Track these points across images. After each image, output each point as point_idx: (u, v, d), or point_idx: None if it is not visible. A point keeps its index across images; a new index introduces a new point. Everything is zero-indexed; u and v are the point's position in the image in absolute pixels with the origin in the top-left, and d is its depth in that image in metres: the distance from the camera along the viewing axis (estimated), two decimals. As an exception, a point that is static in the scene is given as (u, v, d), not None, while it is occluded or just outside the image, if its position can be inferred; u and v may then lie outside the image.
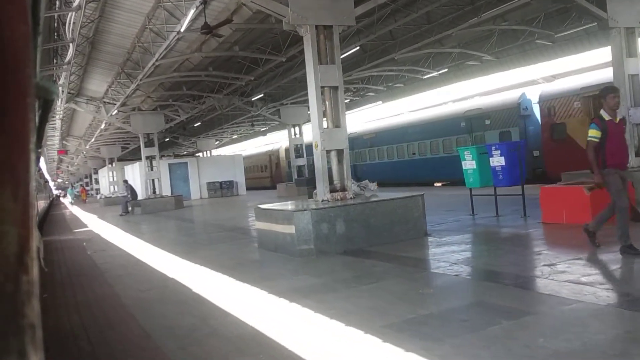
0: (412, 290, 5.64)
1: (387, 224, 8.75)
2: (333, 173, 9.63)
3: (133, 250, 11.46)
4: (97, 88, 22.95)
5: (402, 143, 28.12)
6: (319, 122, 9.33)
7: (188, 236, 13.38)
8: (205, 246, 11.04)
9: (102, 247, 12.79)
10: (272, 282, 6.68)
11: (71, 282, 8.35)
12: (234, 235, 12.49)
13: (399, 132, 28.44)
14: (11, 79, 0.52)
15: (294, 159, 28.33)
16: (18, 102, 0.53)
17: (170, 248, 11.01)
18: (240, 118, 31.55)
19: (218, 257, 9.33)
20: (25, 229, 0.51)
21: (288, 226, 8.48)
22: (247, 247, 10.29)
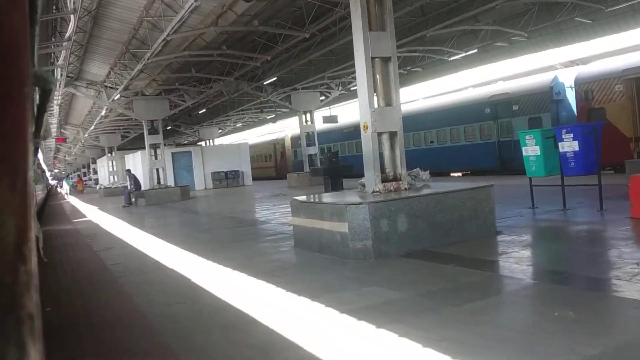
0: (547, 312, 4.23)
1: (455, 220, 7.35)
2: (385, 160, 8.22)
3: (146, 248, 10.05)
4: (98, 71, 21.43)
5: (419, 131, 26.70)
6: (369, 99, 7.91)
7: (205, 232, 11.96)
8: (229, 244, 9.63)
9: (109, 243, 11.38)
10: (335, 295, 5.29)
11: (80, 290, 6.94)
12: (258, 230, 11.08)
13: (415, 120, 26.97)
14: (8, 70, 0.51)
15: (305, 148, 26.88)
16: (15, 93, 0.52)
17: (190, 246, 9.60)
18: (248, 104, 30.06)
19: (250, 258, 7.92)
20: (23, 219, 0.50)
21: (338, 223, 7.08)
22: (280, 246, 8.89)
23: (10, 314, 0.48)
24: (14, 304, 0.49)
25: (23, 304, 0.50)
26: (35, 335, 0.51)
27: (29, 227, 0.53)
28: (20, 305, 0.50)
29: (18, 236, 0.51)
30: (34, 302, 0.52)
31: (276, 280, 6.19)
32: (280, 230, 10.64)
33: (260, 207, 16.52)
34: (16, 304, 0.49)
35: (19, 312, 0.49)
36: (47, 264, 8.91)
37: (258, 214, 14.21)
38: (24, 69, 0.55)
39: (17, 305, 0.49)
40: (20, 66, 0.54)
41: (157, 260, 8.60)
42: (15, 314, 0.49)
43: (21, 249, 0.51)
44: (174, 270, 7.51)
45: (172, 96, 23.93)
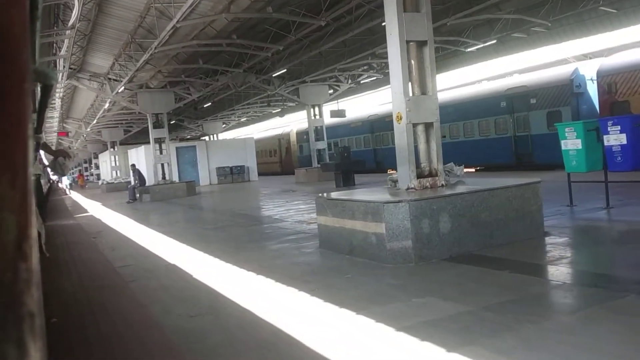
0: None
1: (500, 219, 6.66)
2: (419, 153, 7.52)
3: (155, 247, 9.38)
4: (102, 62, 20.72)
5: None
6: (403, 87, 7.20)
7: (218, 230, 11.27)
8: (246, 244, 8.94)
9: (116, 242, 10.71)
10: (383, 308, 4.61)
11: (87, 297, 6.26)
12: (275, 229, 10.39)
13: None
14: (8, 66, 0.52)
15: (314, 142, 26.16)
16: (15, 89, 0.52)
17: (203, 246, 8.92)
18: (254, 98, 29.33)
19: (273, 261, 7.24)
20: (23, 216, 0.51)
21: (374, 223, 6.39)
22: (303, 246, 8.21)
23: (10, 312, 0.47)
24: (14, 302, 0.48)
25: (23, 301, 0.49)
26: (36, 334, 0.50)
27: (30, 224, 0.52)
28: (20, 302, 0.49)
29: (18, 233, 0.50)
30: (34, 300, 0.50)
31: (308, 287, 5.51)
32: (299, 229, 9.95)
33: (271, 203, 15.84)
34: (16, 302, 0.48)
35: (19, 309, 0.48)
36: (50, 266, 8.25)
37: (271, 211, 13.52)
38: (24, 65, 0.54)
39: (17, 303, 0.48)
40: (20, 62, 0.54)
41: (170, 261, 7.92)
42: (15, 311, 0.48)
43: (22, 246, 0.50)
44: (190, 275, 6.83)
45: (178, 89, 23.21)
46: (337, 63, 21.06)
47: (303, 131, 39.52)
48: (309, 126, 26.41)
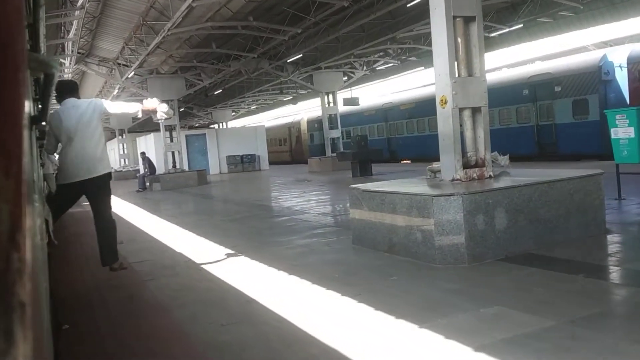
0: None
1: (561, 215, 5.98)
2: (465, 141, 6.83)
3: (171, 240, 8.77)
4: (111, 47, 20.05)
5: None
6: (449, 68, 6.50)
7: (236, 222, 10.63)
8: (270, 238, 8.30)
9: (128, 234, 10.09)
10: (448, 320, 3.96)
11: (101, 299, 5.64)
12: (297, 222, 9.74)
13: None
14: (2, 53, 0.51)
15: (328, 131, 25.45)
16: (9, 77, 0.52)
17: (223, 239, 8.30)
18: (266, 85, 28.60)
19: (304, 258, 6.60)
20: (17, 206, 0.51)
21: (420, 218, 5.73)
22: (333, 242, 7.56)
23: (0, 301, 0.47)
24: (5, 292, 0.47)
25: (14, 291, 0.48)
26: (26, 325, 0.49)
27: (24, 214, 0.52)
28: (11, 292, 0.48)
29: (11, 223, 0.49)
30: (27, 291, 0.50)
31: (351, 292, 4.86)
32: (324, 222, 9.31)
33: (288, 193, 15.19)
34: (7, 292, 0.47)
35: (9, 299, 0.48)
36: (61, 263, 7.65)
37: (289, 202, 12.87)
38: (19, 53, 0.54)
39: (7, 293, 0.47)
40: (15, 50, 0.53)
41: (189, 257, 7.30)
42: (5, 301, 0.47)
43: (14, 236, 0.50)
44: (214, 273, 6.20)
45: (189, 75, 22.54)
46: (354, 48, 20.29)
47: (314, 119, 38.80)
48: (323, 114, 25.70)
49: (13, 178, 0.51)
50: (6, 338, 0.46)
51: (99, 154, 5.46)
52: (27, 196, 0.54)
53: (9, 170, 0.50)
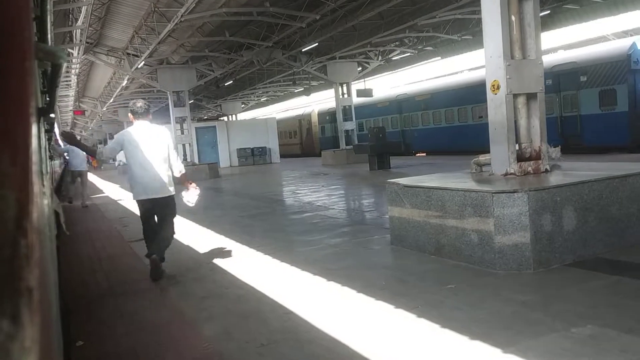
0: None
1: (633, 214, 5.32)
2: (519, 131, 6.16)
3: (190, 239, 8.16)
4: (121, 36, 19.42)
5: (466, 105, 24.48)
6: (503, 49, 5.82)
7: (258, 219, 9.99)
8: (298, 237, 7.66)
9: (140, 227, 9.51)
10: (535, 342, 3.32)
11: (118, 306, 5.03)
12: (323, 219, 9.12)
13: (461, 93, 24.75)
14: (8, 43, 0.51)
15: (342, 123, 24.77)
16: (16, 66, 0.52)
17: (247, 239, 7.68)
18: (278, 75, 27.91)
19: (341, 261, 5.96)
20: (24, 193, 0.51)
21: (476, 218, 5.08)
22: (368, 241, 6.92)
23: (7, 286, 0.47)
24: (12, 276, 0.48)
25: (22, 276, 0.49)
26: (34, 310, 0.49)
27: (31, 201, 0.52)
28: (19, 277, 0.48)
29: (19, 210, 0.50)
30: (34, 276, 0.50)
31: (406, 304, 4.22)
32: (352, 219, 8.67)
33: (306, 188, 14.55)
34: (14, 276, 0.48)
35: (17, 284, 0.48)
36: (72, 263, 7.06)
37: (309, 197, 12.24)
38: (26, 43, 0.54)
39: (15, 278, 0.48)
40: (21, 40, 0.53)
41: (211, 259, 6.68)
42: (12, 286, 0.48)
43: (21, 223, 0.50)
44: (242, 279, 5.58)
45: (200, 65, 21.89)
46: (371, 37, 19.55)
47: (325, 112, 38.09)
48: (337, 106, 25.01)
49: (20, 166, 0.51)
50: (14, 322, 0.46)
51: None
52: (34, 184, 0.54)
53: (16, 158, 0.51)
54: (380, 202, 10.22)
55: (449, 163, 18.53)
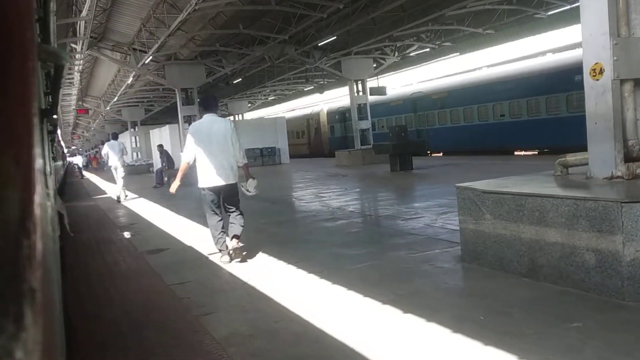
0: None
1: None
2: (626, 125, 5.07)
3: (213, 250, 7.10)
4: (127, 29, 18.39)
5: (486, 103, 23.41)
6: (609, 24, 4.74)
7: (283, 225, 8.92)
8: (342, 250, 6.57)
9: (158, 241, 8.46)
10: None
11: (139, 337, 3.96)
12: (363, 227, 8.04)
13: (481, 90, 23.68)
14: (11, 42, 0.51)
15: (357, 121, 23.71)
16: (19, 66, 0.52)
17: (279, 252, 6.62)
18: (289, 73, 26.85)
19: (406, 283, 4.89)
20: (27, 194, 0.51)
21: (594, 233, 4.01)
22: (431, 258, 5.84)
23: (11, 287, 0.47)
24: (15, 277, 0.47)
25: (25, 277, 0.48)
26: (37, 311, 0.49)
27: (34, 201, 0.52)
28: (22, 278, 0.48)
29: (22, 210, 0.50)
30: (37, 277, 0.50)
31: (527, 351, 3.16)
32: (402, 229, 7.58)
33: (329, 191, 13.48)
34: (18, 277, 0.47)
35: (20, 284, 0.48)
36: (79, 280, 5.99)
37: (337, 201, 11.15)
38: (29, 42, 0.54)
39: (18, 278, 0.47)
40: (24, 39, 0.53)
41: (244, 278, 5.61)
42: (15, 286, 0.47)
43: (25, 223, 0.50)
44: (291, 309, 4.49)
45: (210, 61, 20.84)
46: (392, 30, 18.46)
47: (335, 111, 37.03)
48: (351, 104, 23.95)
49: (23, 166, 0.51)
50: (17, 322, 0.46)
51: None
52: (37, 185, 0.54)
53: (20, 158, 0.51)
54: (420, 207, 9.15)
55: (476, 163, 17.47)
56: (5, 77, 0.50)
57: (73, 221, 11.34)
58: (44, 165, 1.41)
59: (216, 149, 6.19)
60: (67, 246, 7.61)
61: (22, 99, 0.52)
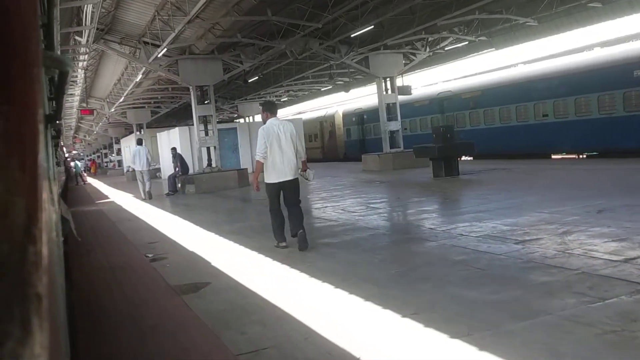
0: None
1: None
2: None
3: (254, 279, 5.16)
4: (137, 19, 16.49)
5: (526, 102, 21.48)
6: None
7: (354, 249, 6.92)
8: (464, 291, 4.59)
9: (192, 271, 6.51)
10: None
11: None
12: (471, 253, 6.08)
13: (521, 88, 21.73)
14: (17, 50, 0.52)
15: (386, 122, 21.75)
16: (24, 73, 0.53)
17: (369, 291, 4.69)
18: (309, 71, 24.93)
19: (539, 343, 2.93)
20: (33, 199, 0.52)
21: None
22: (625, 308, 3.88)
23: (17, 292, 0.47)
24: (21, 283, 0.48)
25: (31, 282, 0.49)
26: (43, 317, 0.49)
27: (39, 207, 0.52)
28: (27, 284, 0.48)
29: (28, 217, 0.50)
30: (43, 283, 0.50)
31: None
32: (528, 257, 5.61)
33: (378, 201, 11.52)
34: (24, 283, 0.48)
35: (26, 290, 0.48)
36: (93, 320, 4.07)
37: (401, 215, 9.19)
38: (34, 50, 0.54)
39: (24, 284, 0.48)
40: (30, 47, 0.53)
41: (352, 351, 3.65)
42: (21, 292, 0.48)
43: (30, 230, 0.50)
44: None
45: (227, 56, 18.93)
46: (437, 18, 16.51)
47: (352, 112, 35.10)
48: (379, 103, 22.00)
49: (29, 172, 0.51)
50: (23, 328, 0.46)
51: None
52: (42, 191, 0.54)
53: (25, 164, 0.51)
54: (521, 224, 7.21)
55: (526, 168, 15.54)
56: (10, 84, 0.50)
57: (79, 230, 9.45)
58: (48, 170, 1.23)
59: (286, 148, 6.98)
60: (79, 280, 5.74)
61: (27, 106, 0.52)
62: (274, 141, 6.91)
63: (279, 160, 6.91)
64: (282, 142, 6.93)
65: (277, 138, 6.93)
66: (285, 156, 6.92)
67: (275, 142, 6.91)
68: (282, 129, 7.02)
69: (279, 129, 7.00)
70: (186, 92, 27.74)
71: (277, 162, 6.91)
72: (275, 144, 6.92)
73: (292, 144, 7.01)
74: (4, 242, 0.47)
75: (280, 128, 7.02)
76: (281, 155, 6.90)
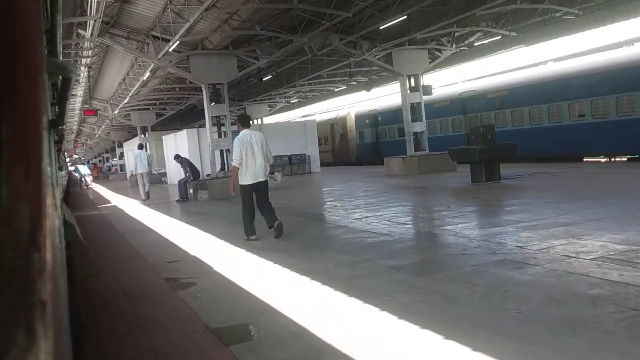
0: None
1: None
2: None
3: (324, 321, 3.73)
4: (146, 10, 15.12)
5: (560, 102, 20.08)
6: None
7: (435, 278, 5.50)
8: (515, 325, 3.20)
9: (232, 307, 5.09)
10: None
11: None
12: (599, 290, 4.66)
13: (554, 87, 20.34)
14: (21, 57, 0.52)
15: (410, 123, 20.35)
16: (29, 81, 0.53)
17: (423, 320, 3.24)
18: (326, 69, 23.56)
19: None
20: (37, 206, 0.52)
21: None
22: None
23: (22, 299, 0.47)
24: (26, 290, 0.48)
25: (35, 289, 0.49)
26: (47, 323, 0.49)
27: (44, 214, 0.53)
28: (32, 290, 0.49)
29: (32, 223, 0.50)
30: (47, 290, 0.50)
31: None
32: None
33: (419, 210, 10.08)
34: (28, 289, 0.48)
35: (30, 297, 0.48)
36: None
37: (467, 230, 7.75)
38: (38, 57, 0.55)
39: (29, 291, 0.48)
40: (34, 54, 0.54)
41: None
42: (26, 299, 0.48)
43: (35, 236, 0.50)
44: None
45: (242, 52, 17.54)
46: (475, 8, 15.13)
47: (365, 114, 33.74)
48: (403, 103, 20.60)
49: (33, 179, 0.51)
50: (28, 335, 0.46)
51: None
52: (46, 197, 0.54)
53: (29, 171, 0.51)
54: (614, 242, 5.79)
55: (575, 171, 14.14)
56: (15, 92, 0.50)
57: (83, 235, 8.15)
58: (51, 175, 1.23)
59: (257, 154, 8.04)
60: (88, 326, 4.39)
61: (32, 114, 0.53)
62: (249, 149, 7.98)
63: (251, 165, 8.02)
64: (254, 149, 8.00)
65: (251, 146, 7.99)
66: (257, 161, 8.03)
67: (249, 149, 7.98)
68: (254, 138, 8.12)
69: (251, 138, 8.08)
70: (194, 93, 26.38)
71: (251, 166, 8.02)
72: (250, 151, 7.98)
73: (262, 151, 8.06)
74: (9, 249, 0.47)
75: (253, 137, 8.11)
76: (254, 160, 8.01)
